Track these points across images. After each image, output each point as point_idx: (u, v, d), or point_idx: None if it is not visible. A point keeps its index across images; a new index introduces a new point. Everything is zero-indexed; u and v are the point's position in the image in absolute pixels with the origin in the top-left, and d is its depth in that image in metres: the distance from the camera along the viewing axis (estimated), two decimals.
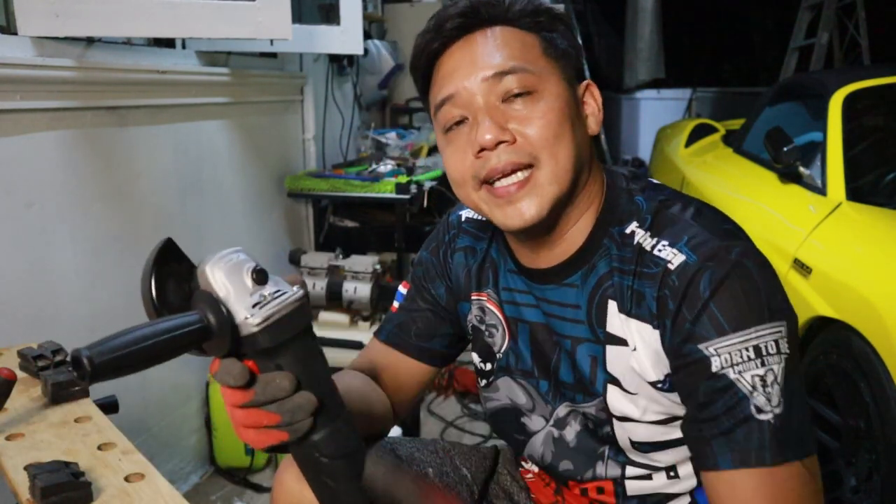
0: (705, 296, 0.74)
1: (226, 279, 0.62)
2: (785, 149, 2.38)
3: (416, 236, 2.78)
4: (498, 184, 0.81)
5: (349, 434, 0.69)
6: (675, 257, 0.78)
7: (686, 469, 0.88)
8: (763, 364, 0.73)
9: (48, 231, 1.64)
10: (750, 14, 7.97)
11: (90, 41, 1.75)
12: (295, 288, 0.64)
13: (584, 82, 0.87)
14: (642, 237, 0.82)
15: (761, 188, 2.67)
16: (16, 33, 1.50)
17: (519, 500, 1.07)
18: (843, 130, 2.38)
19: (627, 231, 0.83)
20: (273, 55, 2.64)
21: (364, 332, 2.49)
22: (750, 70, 7.90)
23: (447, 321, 1.03)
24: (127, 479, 0.89)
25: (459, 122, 0.83)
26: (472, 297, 1.00)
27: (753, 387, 0.73)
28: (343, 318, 2.55)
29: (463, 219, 1.03)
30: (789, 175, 2.46)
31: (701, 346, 0.75)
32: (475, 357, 1.02)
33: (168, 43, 2.14)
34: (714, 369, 0.74)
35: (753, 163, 2.91)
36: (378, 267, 2.51)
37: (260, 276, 0.62)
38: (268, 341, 0.61)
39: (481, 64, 0.81)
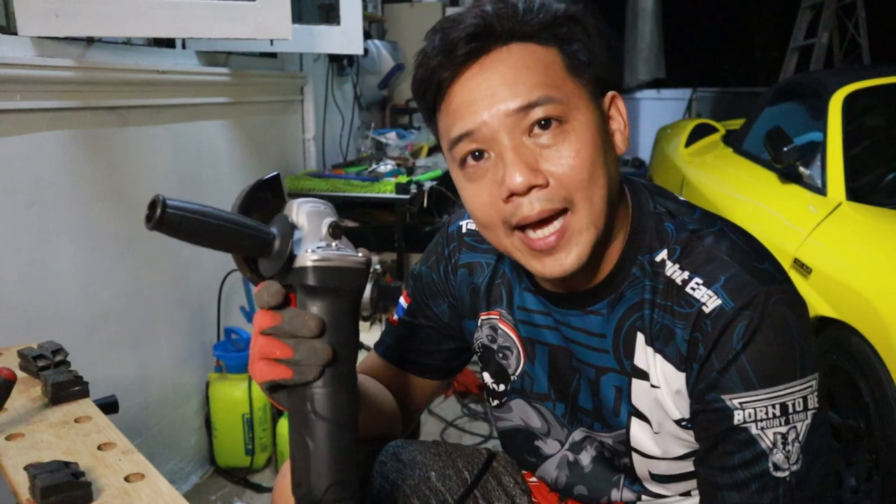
0: (737, 347, 0.71)
1: (306, 218, 0.66)
2: (785, 149, 2.38)
3: (416, 236, 2.78)
4: (533, 234, 0.74)
5: (348, 404, 0.68)
6: (710, 300, 0.73)
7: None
8: (787, 422, 0.71)
9: (48, 231, 1.64)
10: (750, 14, 7.97)
11: (90, 41, 1.75)
12: (360, 253, 0.66)
13: (609, 94, 0.79)
14: (672, 270, 0.77)
15: (761, 188, 2.67)
16: (16, 33, 1.50)
17: (521, 502, 1.06)
18: (843, 130, 2.38)
19: (658, 259, 0.79)
20: (273, 55, 2.64)
21: (364, 333, 2.49)
22: (750, 70, 7.90)
23: (449, 337, 1.00)
24: (127, 479, 0.89)
25: (478, 157, 0.75)
26: (482, 317, 0.95)
27: (774, 444, 0.71)
28: None
29: (464, 230, 0.99)
30: (789, 175, 2.46)
31: (725, 398, 0.72)
32: (487, 377, 0.98)
33: (168, 43, 2.14)
34: (736, 422, 0.72)
35: (753, 163, 2.91)
36: (378, 267, 2.51)
37: (336, 231, 0.66)
38: (313, 279, 0.64)
39: (502, 95, 0.71)
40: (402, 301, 1.04)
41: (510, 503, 1.06)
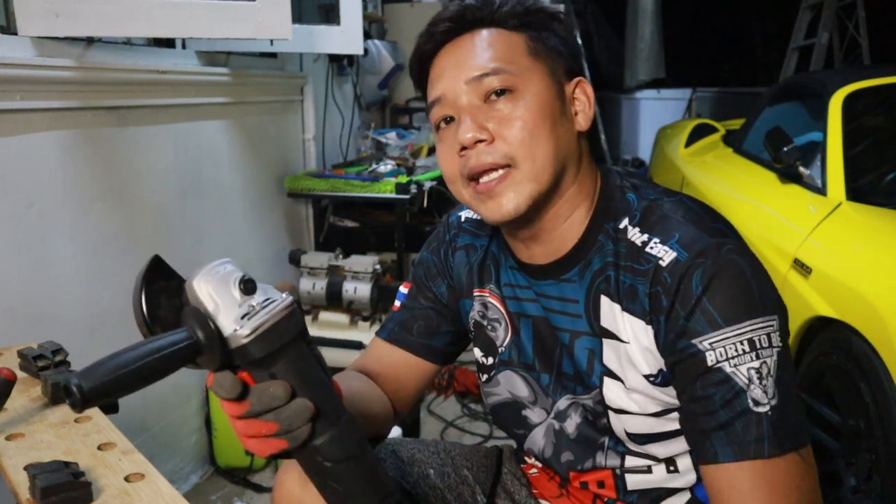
0: (698, 292, 0.76)
1: (213, 292, 0.61)
2: (785, 149, 2.38)
3: (416, 236, 2.78)
4: (481, 180, 0.84)
5: (351, 436, 0.68)
6: (666, 254, 0.79)
7: (685, 463, 0.89)
8: (757, 357, 0.75)
9: (48, 231, 1.64)
10: (750, 14, 7.96)
11: (90, 41, 1.75)
12: (284, 295, 0.64)
13: (576, 79, 0.89)
14: (633, 234, 0.84)
15: (761, 188, 2.67)
16: (16, 33, 1.50)
17: (520, 498, 1.07)
18: (843, 130, 2.38)
19: (621, 227, 0.85)
20: (273, 55, 2.64)
21: (364, 332, 2.49)
22: (750, 70, 7.90)
23: (448, 319, 1.04)
24: (127, 479, 0.89)
25: (448, 121, 0.87)
26: (475, 294, 1.01)
27: (749, 380, 0.74)
28: (343, 318, 2.55)
29: (462, 219, 1.05)
30: (789, 175, 2.46)
31: (695, 342, 0.76)
32: (477, 352, 1.03)
33: (168, 43, 2.14)
34: (710, 363, 0.75)
35: (753, 163, 2.91)
36: (378, 267, 2.51)
37: (248, 286, 0.62)
38: (259, 351, 0.61)
39: (465, 66, 0.85)
40: (403, 289, 1.08)
41: (509, 499, 1.06)
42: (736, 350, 0.75)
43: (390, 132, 3.35)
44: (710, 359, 0.75)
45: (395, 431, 2.20)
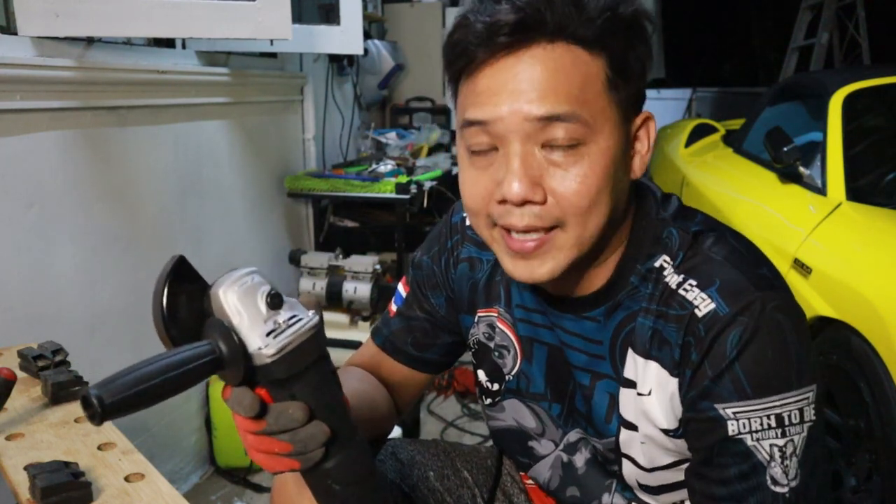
0: (731, 355, 0.69)
1: (239, 304, 0.59)
2: (785, 149, 2.38)
3: (416, 236, 2.78)
4: (515, 235, 0.72)
5: (361, 460, 0.68)
6: (703, 303, 0.71)
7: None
8: (784, 434, 0.69)
9: (48, 231, 1.64)
10: (750, 14, 7.97)
11: (90, 41, 1.74)
12: (311, 313, 0.62)
13: (642, 115, 0.75)
14: (670, 275, 0.75)
15: (761, 188, 2.67)
16: (16, 33, 1.50)
17: (518, 501, 1.06)
18: (843, 130, 2.38)
19: (656, 265, 0.77)
20: (273, 55, 2.64)
21: (364, 333, 2.49)
22: (750, 70, 7.90)
23: (445, 331, 0.99)
24: (127, 479, 0.89)
25: (487, 149, 0.72)
26: (480, 314, 0.94)
27: (771, 457, 0.69)
28: (343, 318, 2.55)
29: (467, 223, 0.96)
30: (789, 175, 2.46)
31: (718, 406, 0.70)
32: (481, 374, 0.97)
33: (168, 43, 2.14)
34: (730, 432, 0.70)
35: (753, 163, 2.91)
36: (378, 267, 2.51)
37: (275, 301, 0.60)
38: (282, 372, 0.60)
39: (528, 97, 0.67)
40: (401, 289, 1.02)
41: (507, 502, 1.06)
42: (761, 424, 0.68)
43: (390, 132, 3.35)
44: (732, 428, 0.69)
45: (396, 431, 2.20)
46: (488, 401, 0.97)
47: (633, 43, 0.70)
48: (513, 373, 0.92)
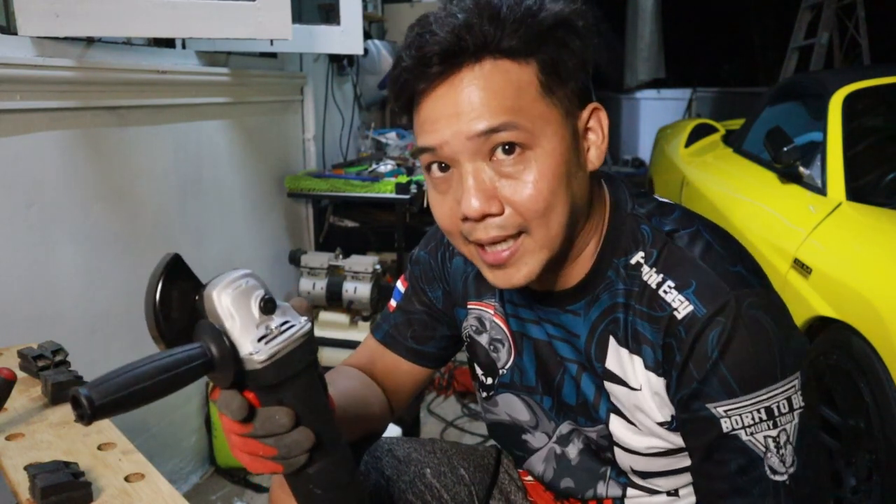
0: (714, 356, 0.71)
1: (232, 307, 0.59)
2: (785, 149, 2.38)
3: (416, 236, 2.76)
4: (488, 248, 0.75)
5: (344, 467, 0.69)
6: (681, 305, 0.73)
7: (688, 491, 0.87)
8: (776, 425, 0.71)
9: (48, 231, 1.64)
10: (750, 14, 7.96)
11: (90, 41, 1.75)
12: (303, 319, 0.62)
13: (590, 106, 0.77)
14: (647, 273, 0.77)
15: (761, 188, 2.67)
16: (16, 33, 1.50)
17: (516, 500, 1.07)
18: (843, 130, 2.38)
19: (633, 262, 0.79)
20: (273, 55, 2.64)
21: (364, 333, 2.49)
22: (750, 70, 7.90)
23: (443, 324, 1.01)
24: (127, 479, 0.89)
25: (444, 169, 0.75)
26: (469, 306, 0.97)
27: (766, 448, 0.71)
28: (343, 318, 2.55)
29: None
30: (789, 175, 2.46)
31: (710, 406, 0.72)
32: (477, 369, 1.00)
33: (168, 43, 2.14)
34: (725, 430, 0.72)
35: (753, 163, 2.91)
36: (378, 267, 2.51)
37: (268, 306, 0.60)
38: (271, 378, 0.60)
39: (467, 118, 0.70)
40: (400, 286, 1.04)
41: (504, 500, 1.06)
42: (753, 418, 0.71)
43: (390, 132, 3.34)
44: (726, 426, 0.72)
45: (396, 431, 2.20)
46: (484, 394, 0.99)
47: (564, 42, 0.72)
48: (507, 366, 0.94)
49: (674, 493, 0.87)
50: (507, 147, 0.70)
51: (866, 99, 2.53)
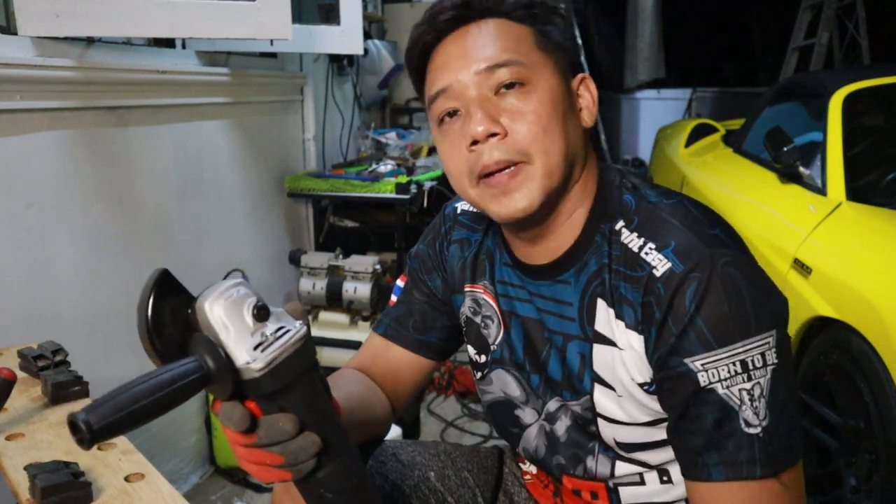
0: (691, 309, 0.74)
1: (225, 317, 0.59)
2: (785, 149, 2.38)
3: (416, 236, 2.76)
4: (494, 177, 0.81)
5: (353, 468, 0.68)
6: (660, 263, 0.77)
7: (678, 472, 0.87)
8: (750, 378, 0.73)
9: (48, 231, 1.64)
10: (750, 14, 7.96)
11: (90, 41, 1.75)
12: (298, 324, 0.62)
13: (580, 75, 0.87)
14: (628, 237, 0.82)
15: (761, 188, 2.67)
16: (16, 33, 1.50)
17: (520, 500, 1.07)
18: (843, 130, 2.38)
19: (616, 228, 0.83)
20: (273, 55, 2.64)
21: (364, 333, 2.49)
22: (750, 70, 7.89)
23: (444, 313, 1.03)
24: (127, 479, 0.89)
25: (452, 115, 0.84)
26: (466, 289, 0.99)
27: (741, 401, 0.74)
28: (343, 318, 2.55)
29: (459, 211, 1.04)
30: (789, 175, 2.46)
31: (687, 361, 0.75)
32: (470, 349, 1.02)
33: (168, 43, 2.14)
34: (702, 384, 0.74)
35: (753, 163, 2.91)
36: (378, 267, 2.51)
37: (261, 313, 0.60)
38: (270, 385, 0.59)
39: (474, 56, 0.81)
40: (400, 282, 1.07)
41: (509, 501, 1.06)
42: (728, 371, 0.73)
43: (390, 132, 3.35)
44: (703, 380, 0.74)
45: (395, 431, 2.20)
46: (478, 374, 1.01)
47: (552, 19, 0.86)
48: (496, 342, 0.97)
49: (666, 477, 0.88)
50: (509, 84, 0.81)
51: (866, 99, 2.53)
